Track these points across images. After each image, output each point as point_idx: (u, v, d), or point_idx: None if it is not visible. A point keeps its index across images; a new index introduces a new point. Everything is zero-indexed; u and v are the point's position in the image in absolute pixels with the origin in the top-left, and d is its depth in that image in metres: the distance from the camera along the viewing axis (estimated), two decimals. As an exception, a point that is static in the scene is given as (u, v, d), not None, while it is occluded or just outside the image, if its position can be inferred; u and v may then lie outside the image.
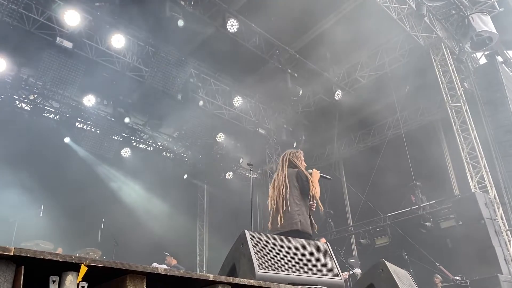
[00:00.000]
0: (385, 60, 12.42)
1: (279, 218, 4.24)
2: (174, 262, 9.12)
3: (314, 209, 4.55)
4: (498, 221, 9.05)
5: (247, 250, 2.90)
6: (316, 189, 4.50)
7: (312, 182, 4.49)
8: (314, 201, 4.53)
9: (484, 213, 8.62)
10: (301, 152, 4.82)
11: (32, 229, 9.01)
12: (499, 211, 9.56)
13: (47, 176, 10.32)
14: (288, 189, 4.37)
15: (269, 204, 4.47)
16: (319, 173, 4.76)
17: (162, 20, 9.22)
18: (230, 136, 14.43)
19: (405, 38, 11.80)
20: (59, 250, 8.22)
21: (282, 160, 4.70)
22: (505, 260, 8.08)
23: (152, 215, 12.65)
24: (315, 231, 4.48)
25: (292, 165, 4.63)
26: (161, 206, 12.83)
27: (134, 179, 13.17)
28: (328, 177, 5.05)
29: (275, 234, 3.75)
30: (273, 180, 4.61)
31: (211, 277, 2.13)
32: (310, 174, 4.62)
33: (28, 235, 8.54)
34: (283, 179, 4.45)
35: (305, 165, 4.77)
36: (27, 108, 11.19)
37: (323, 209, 4.71)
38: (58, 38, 9.11)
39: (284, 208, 4.27)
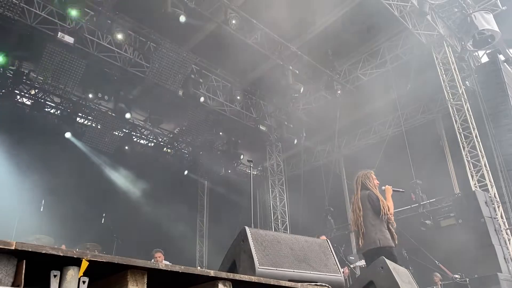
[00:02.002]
0: (387, 58, 12.40)
1: (360, 240, 4.76)
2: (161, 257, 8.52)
3: (391, 222, 4.93)
4: (498, 220, 9.05)
5: (248, 246, 2.91)
6: (388, 205, 4.89)
7: (382, 201, 4.86)
8: (390, 215, 4.88)
9: (484, 211, 8.62)
10: (372, 172, 5.21)
11: (33, 224, 9.03)
12: (499, 210, 9.56)
13: (47, 171, 10.33)
14: (362, 212, 4.81)
15: (352, 227, 4.97)
16: (392, 188, 5.14)
17: (164, 16, 9.20)
18: (231, 133, 14.44)
19: (407, 36, 11.77)
20: (63, 247, 8.21)
21: (356, 183, 5.09)
22: (504, 258, 8.08)
23: (152, 211, 12.68)
24: (395, 242, 4.87)
25: (364, 187, 5.02)
26: (162, 202, 12.84)
27: (134, 174, 13.20)
28: (400, 190, 5.43)
29: (362, 253, 4.72)
30: (351, 204, 5.03)
31: (212, 273, 2.13)
32: (383, 191, 5.01)
33: (29, 230, 8.57)
34: (357, 202, 4.89)
35: (378, 183, 5.15)
36: (28, 102, 11.21)
37: (395, 225, 5.07)
38: (59, 33, 9.11)
39: (362, 230, 4.75)
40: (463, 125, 10.60)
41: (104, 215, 9.86)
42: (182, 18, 9.32)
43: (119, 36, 9.94)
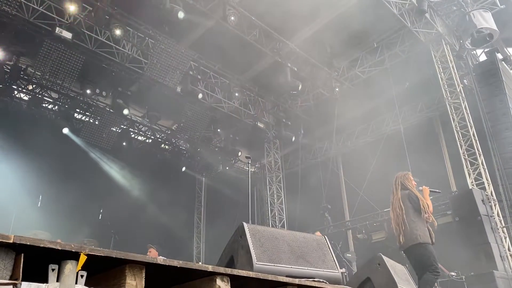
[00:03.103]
0: (385, 56, 12.41)
1: (401, 237, 5.05)
2: (155, 253, 8.41)
3: (430, 220, 5.15)
4: (494, 218, 9.08)
5: (246, 242, 2.91)
6: (428, 204, 5.14)
7: (422, 200, 5.12)
8: (428, 214, 5.12)
9: (481, 209, 8.65)
10: (409, 173, 5.51)
11: (30, 219, 9.03)
12: (495, 208, 9.59)
13: (45, 167, 10.32)
14: (403, 210, 5.08)
15: (393, 226, 5.23)
16: (429, 188, 5.41)
17: (162, 12, 9.17)
18: (229, 130, 14.43)
19: (405, 34, 11.78)
20: (58, 241, 8.20)
21: (395, 183, 5.35)
22: (500, 256, 8.12)
23: (149, 207, 12.68)
24: (433, 240, 5.08)
25: (403, 187, 5.29)
26: (159, 198, 12.84)
27: (132, 171, 13.19)
28: (437, 191, 5.79)
29: (402, 251, 5.09)
30: (391, 204, 5.30)
31: (210, 268, 2.13)
32: (421, 191, 5.27)
33: (26, 225, 8.57)
34: (398, 202, 5.17)
35: (415, 183, 5.42)
36: (25, 98, 11.17)
37: (436, 224, 5.39)
38: (57, 28, 9.06)
39: (403, 227, 5.03)
40: (461, 124, 10.62)
41: (101, 211, 9.86)
42: (181, 14, 9.30)
43: (117, 32, 9.92)
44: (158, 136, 14.06)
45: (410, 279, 4.87)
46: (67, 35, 9.17)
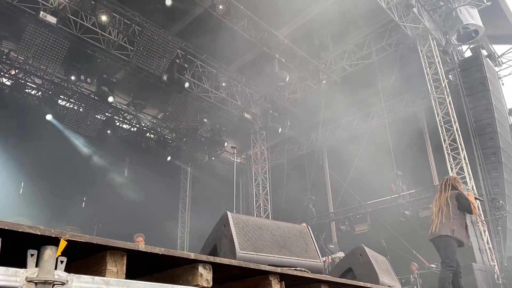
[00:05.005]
0: (372, 49, 12.46)
1: (435, 226, 5.54)
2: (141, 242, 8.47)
3: (477, 214, 6.01)
4: (475, 212, 9.24)
5: (229, 231, 2.91)
6: (474, 205, 5.66)
7: (472, 203, 5.58)
8: (479, 211, 5.81)
9: (461, 203, 8.78)
10: (458, 178, 6.11)
11: (12, 206, 8.90)
12: (476, 202, 9.76)
13: (28, 153, 10.15)
14: (450, 207, 5.52)
15: (432, 218, 5.70)
16: (474, 195, 6.14)
17: (150, -2, 9.04)
18: (215, 120, 14.38)
19: (393, 28, 11.83)
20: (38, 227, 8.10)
21: (445, 184, 5.80)
22: (479, 249, 8.28)
23: (134, 196, 12.59)
24: (467, 242, 5.62)
25: (453, 188, 5.74)
26: (144, 187, 12.75)
27: (116, 159, 13.06)
28: (480, 199, 7.05)
29: (431, 239, 5.59)
30: (435, 200, 5.80)
31: (192, 255, 2.13)
32: (467, 195, 5.73)
33: (8, 212, 8.43)
34: (446, 199, 5.60)
35: (462, 188, 5.98)
36: (8, 83, 10.94)
37: (482, 218, 6.06)
38: (41, 13, 8.87)
39: (444, 220, 5.48)
40: (445, 118, 10.76)
41: (84, 199, 9.74)
42: (168, 2, 9.20)
43: (103, 18, 9.75)
44: (143, 124, 13.94)
45: (391, 269, 4.94)
46: (52, 19, 8.98)
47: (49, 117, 11.40)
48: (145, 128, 14.02)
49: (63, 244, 1.64)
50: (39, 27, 9.14)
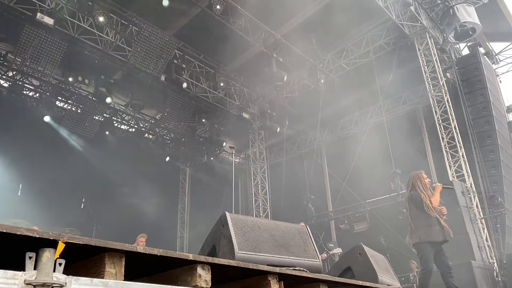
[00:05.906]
0: (370, 48, 12.46)
1: (408, 236, 5.52)
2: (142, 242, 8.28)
3: (434, 215, 5.35)
4: (473, 210, 9.26)
5: (228, 231, 2.91)
6: (432, 200, 5.36)
7: (424, 198, 5.33)
8: (431, 210, 5.35)
9: (460, 201, 8.79)
10: (422, 172, 5.69)
11: (10, 208, 8.89)
12: (474, 200, 9.79)
13: (26, 155, 10.13)
14: (408, 211, 5.45)
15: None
16: (442, 185, 5.67)
17: (147, -1, 9.04)
18: (213, 120, 14.37)
19: (390, 26, 11.84)
20: (35, 228, 8.10)
21: (408, 184, 5.64)
22: (478, 247, 8.29)
23: (133, 197, 12.57)
24: (445, 236, 5.40)
25: (413, 187, 5.53)
26: (143, 188, 12.74)
27: (115, 160, 13.04)
28: (450, 187, 6.43)
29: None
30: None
31: (191, 256, 2.13)
32: (433, 188, 5.50)
33: (6, 214, 8.43)
34: (406, 202, 5.56)
35: (429, 181, 5.63)
36: (5, 85, 10.92)
37: (445, 211, 5.55)
38: (38, 14, 8.85)
39: (409, 227, 5.46)
40: (443, 116, 10.76)
41: (83, 200, 9.72)
42: (165, 2, 9.18)
43: (101, 19, 9.73)
44: (141, 125, 13.92)
45: (390, 268, 4.95)
46: (49, 21, 8.96)
47: (47, 118, 11.39)
48: (143, 129, 14.00)
49: (61, 246, 1.64)
50: (36, 28, 9.12)
